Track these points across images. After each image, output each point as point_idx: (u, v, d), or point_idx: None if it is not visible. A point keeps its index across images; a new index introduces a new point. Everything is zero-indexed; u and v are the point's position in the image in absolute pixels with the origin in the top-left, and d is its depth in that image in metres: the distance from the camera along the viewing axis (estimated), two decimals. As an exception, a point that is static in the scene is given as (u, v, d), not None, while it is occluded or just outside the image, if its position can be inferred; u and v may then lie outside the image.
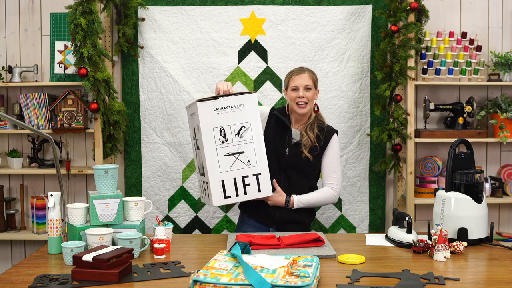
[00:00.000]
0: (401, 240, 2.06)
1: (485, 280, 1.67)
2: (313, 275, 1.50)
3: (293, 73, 2.51)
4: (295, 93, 2.47)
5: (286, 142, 2.49)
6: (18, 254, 3.61)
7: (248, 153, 2.28)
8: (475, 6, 3.56)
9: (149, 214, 3.21)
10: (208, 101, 2.23)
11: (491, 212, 3.41)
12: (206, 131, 2.23)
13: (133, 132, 3.48)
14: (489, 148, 3.63)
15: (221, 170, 2.25)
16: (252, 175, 2.29)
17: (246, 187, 2.29)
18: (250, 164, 2.29)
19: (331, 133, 2.53)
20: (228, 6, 3.40)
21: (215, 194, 2.25)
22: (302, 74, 2.49)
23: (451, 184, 2.11)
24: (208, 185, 2.27)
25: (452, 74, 3.40)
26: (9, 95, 3.56)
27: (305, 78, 2.48)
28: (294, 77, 2.50)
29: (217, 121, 2.24)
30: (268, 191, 2.32)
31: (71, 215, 1.98)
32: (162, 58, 3.41)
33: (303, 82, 2.46)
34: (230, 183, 2.27)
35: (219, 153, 2.24)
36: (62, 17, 3.41)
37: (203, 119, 2.22)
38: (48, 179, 3.59)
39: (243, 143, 2.28)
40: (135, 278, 1.66)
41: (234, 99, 2.26)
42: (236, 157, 2.27)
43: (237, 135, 2.27)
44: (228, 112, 2.25)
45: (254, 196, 2.32)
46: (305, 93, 2.46)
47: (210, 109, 2.23)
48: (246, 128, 2.28)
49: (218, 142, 2.24)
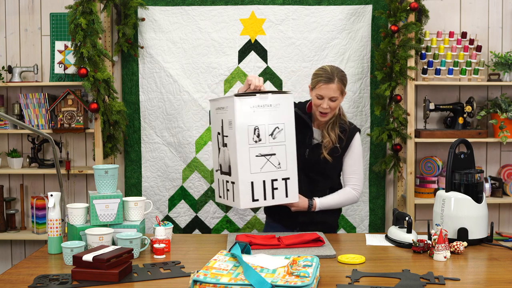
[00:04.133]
0: (401, 240, 2.06)
1: (485, 280, 1.67)
2: (313, 275, 1.50)
3: (321, 80, 2.28)
4: (319, 101, 2.30)
5: (307, 142, 2.38)
6: (18, 254, 3.61)
7: (279, 155, 2.16)
8: (475, 6, 3.56)
9: (149, 214, 3.21)
10: (245, 97, 2.11)
11: (491, 212, 3.40)
12: (241, 128, 2.09)
13: (133, 132, 3.48)
14: (489, 148, 3.63)
15: (252, 171, 2.12)
16: (281, 179, 2.18)
17: (274, 191, 2.17)
18: (280, 168, 2.17)
19: (353, 132, 2.42)
20: (228, 6, 3.40)
21: (243, 196, 2.11)
22: (330, 84, 2.26)
23: (451, 184, 2.11)
24: (236, 186, 2.12)
25: (452, 74, 3.40)
26: (9, 95, 3.56)
27: (332, 89, 2.27)
28: (321, 85, 2.28)
29: (253, 119, 2.11)
30: (295, 197, 2.22)
31: (71, 215, 1.98)
32: (162, 58, 3.41)
33: (330, 93, 2.27)
34: (259, 185, 2.14)
35: (251, 153, 2.11)
36: (62, 17, 3.41)
37: (239, 116, 2.08)
38: (48, 179, 3.59)
39: (275, 145, 2.15)
40: (135, 278, 1.66)
41: (271, 98, 2.14)
42: (267, 159, 2.15)
43: (271, 135, 2.15)
44: (264, 111, 2.13)
45: (281, 201, 2.21)
46: (329, 103, 2.28)
47: (247, 105, 2.10)
48: (280, 129, 2.16)
49: (251, 141, 2.11)
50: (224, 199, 2.27)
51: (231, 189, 2.17)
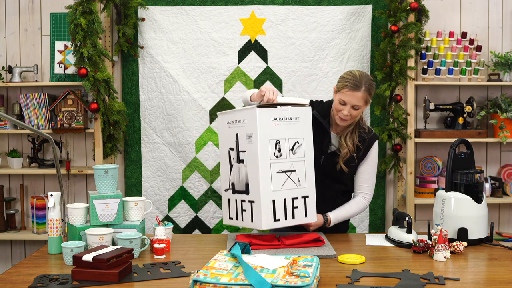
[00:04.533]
0: (401, 240, 2.06)
1: (485, 280, 1.67)
2: (313, 275, 1.50)
3: (347, 86, 2.15)
4: (340, 107, 2.19)
5: (324, 148, 2.28)
6: (18, 254, 3.61)
7: (299, 172, 2.03)
8: (475, 6, 3.56)
9: (149, 214, 3.21)
10: (267, 108, 1.97)
11: (491, 212, 3.40)
12: (263, 142, 1.94)
13: (133, 132, 3.48)
14: (489, 148, 3.63)
15: (273, 188, 1.97)
16: (301, 197, 2.04)
17: (295, 210, 2.03)
18: (300, 185, 2.04)
19: (372, 140, 2.31)
20: (228, 6, 3.40)
21: (265, 215, 1.95)
22: (356, 92, 2.14)
23: (451, 184, 2.11)
24: (257, 205, 1.97)
25: (452, 74, 3.40)
26: (9, 95, 3.56)
27: (357, 97, 2.14)
28: (346, 91, 2.15)
29: (274, 132, 1.97)
30: (313, 217, 2.09)
31: (71, 215, 1.98)
32: (162, 58, 3.41)
33: (353, 101, 2.15)
34: (281, 204, 1.99)
35: (272, 169, 1.97)
36: (62, 17, 3.41)
37: (261, 128, 1.94)
38: (48, 179, 3.59)
39: (295, 161, 2.02)
40: (135, 278, 1.66)
41: (291, 111, 2.01)
42: (288, 175, 2.01)
43: (291, 150, 2.02)
44: (285, 124, 2.00)
45: (300, 221, 2.07)
46: (351, 111, 2.17)
47: (269, 118, 1.96)
48: (299, 144, 2.03)
49: (272, 156, 1.96)
50: (238, 220, 2.09)
51: (249, 209, 2.01)
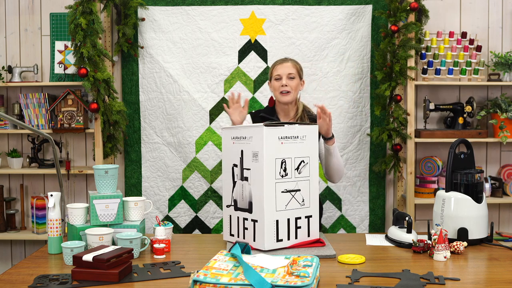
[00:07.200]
0: (401, 240, 2.06)
1: (485, 280, 1.67)
2: (313, 275, 1.50)
3: (276, 63, 2.51)
4: (278, 82, 2.46)
5: None
6: (18, 254, 3.61)
7: (303, 191, 2.02)
8: (475, 6, 3.56)
9: (149, 214, 3.21)
10: (274, 127, 1.96)
11: (491, 212, 3.41)
12: (269, 161, 1.93)
13: (133, 132, 3.48)
14: (489, 148, 3.63)
15: (277, 208, 1.96)
16: (304, 217, 2.03)
17: (298, 230, 2.01)
18: (304, 205, 2.03)
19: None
20: (228, 6, 3.40)
21: (268, 236, 1.93)
22: (285, 63, 2.48)
23: (451, 184, 2.11)
24: (260, 225, 1.95)
25: (452, 74, 3.40)
26: (9, 95, 3.56)
27: (288, 66, 2.46)
28: (277, 66, 2.49)
29: (280, 151, 1.96)
30: (316, 235, 2.08)
31: (71, 215, 1.98)
32: (162, 58, 3.41)
33: (286, 70, 2.45)
34: (284, 224, 1.97)
35: (277, 188, 1.96)
36: (62, 17, 3.41)
37: (267, 147, 1.93)
38: (48, 179, 3.59)
39: (300, 180, 2.01)
40: (135, 278, 1.66)
41: (298, 129, 2.01)
42: (292, 195, 2.00)
43: (296, 170, 2.01)
44: (291, 143, 1.99)
45: (303, 240, 2.05)
46: (288, 81, 2.44)
47: (275, 136, 1.95)
48: (305, 164, 2.03)
49: (278, 175, 1.95)
50: (239, 238, 2.06)
51: (251, 228, 1.99)
